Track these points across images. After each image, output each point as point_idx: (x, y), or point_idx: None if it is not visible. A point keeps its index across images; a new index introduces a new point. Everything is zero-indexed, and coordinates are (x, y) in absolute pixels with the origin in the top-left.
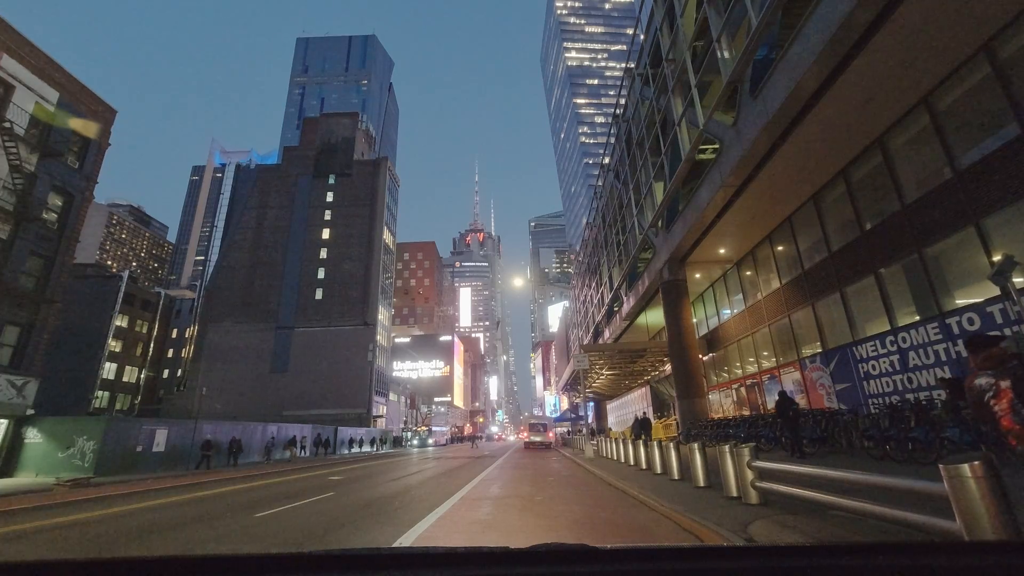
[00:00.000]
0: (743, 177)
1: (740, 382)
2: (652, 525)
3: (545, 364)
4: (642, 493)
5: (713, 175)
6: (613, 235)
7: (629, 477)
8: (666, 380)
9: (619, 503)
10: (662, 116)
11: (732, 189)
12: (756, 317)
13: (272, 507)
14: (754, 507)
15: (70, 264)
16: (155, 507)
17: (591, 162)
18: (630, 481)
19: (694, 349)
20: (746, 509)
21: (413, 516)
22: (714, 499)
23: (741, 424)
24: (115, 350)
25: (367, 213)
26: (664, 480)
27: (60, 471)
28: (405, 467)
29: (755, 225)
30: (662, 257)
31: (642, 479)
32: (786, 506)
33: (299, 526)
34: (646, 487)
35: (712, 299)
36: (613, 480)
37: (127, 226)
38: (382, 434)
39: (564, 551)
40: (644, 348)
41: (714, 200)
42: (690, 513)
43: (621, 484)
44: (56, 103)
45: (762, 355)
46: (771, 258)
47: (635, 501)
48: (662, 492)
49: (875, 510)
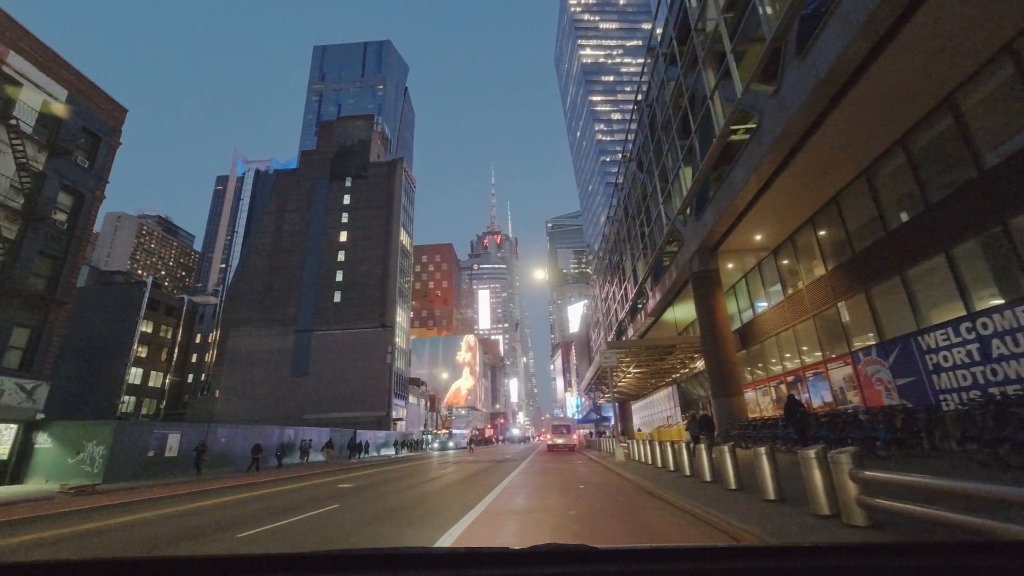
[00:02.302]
0: (785, 151)
1: (779, 379)
2: None
3: (565, 365)
4: (697, 507)
5: (750, 152)
6: (636, 227)
7: (672, 485)
8: (694, 379)
9: (672, 520)
10: (690, 94)
11: (773, 165)
12: (797, 308)
13: (263, 523)
14: (862, 530)
15: (80, 265)
16: (147, 520)
17: (608, 159)
18: (675, 491)
19: (729, 343)
20: (853, 533)
21: (425, 536)
22: (797, 517)
23: (788, 424)
24: (141, 355)
25: (383, 214)
26: (718, 490)
27: (70, 477)
28: (423, 472)
29: (796, 207)
30: (691, 247)
31: (688, 488)
32: (902, 527)
33: (287, 549)
34: (699, 498)
35: (745, 291)
36: (657, 490)
37: (156, 236)
38: (402, 437)
39: (564, 551)
40: (673, 344)
41: (751, 180)
42: (779, 537)
43: (667, 494)
44: (64, 101)
45: (804, 349)
46: (814, 243)
47: (691, 518)
48: (721, 505)
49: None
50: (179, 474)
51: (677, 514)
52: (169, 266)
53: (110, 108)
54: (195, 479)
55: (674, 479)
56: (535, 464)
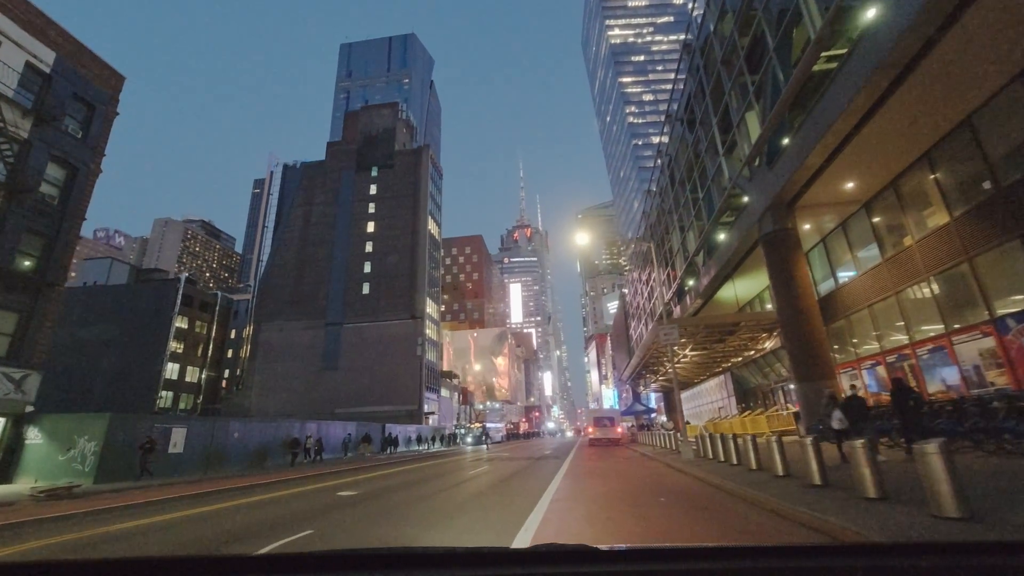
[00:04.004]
0: (909, 55)
1: (876, 359)
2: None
3: (599, 357)
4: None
5: (851, 68)
6: (686, 194)
7: (792, 496)
8: (753, 364)
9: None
10: (755, 21)
11: (893, 72)
12: (903, 271)
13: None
14: None
15: (75, 244)
16: (112, 535)
17: (640, 142)
18: (808, 506)
19: (816, 315)
20: None
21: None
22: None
23: (901, 413)
24: (177, 351)
25: (410, 203)
26: (869, 505)
27: (60, 476)
28: (450, 473)
29: (908, 139)
30: (761, 204)
31: (814, 500)
32: None
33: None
34: (853, 520)
35: (822, 258)
36: (796, 511)
37: (200, 240)
38: (433, 431)
39: (564, 551)
40: (738, 322)
41: (855, 102)
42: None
43: (798, 513)
44: (52, 64)
45: (914, 321)
46: (929, 185)
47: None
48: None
49: None
50: (187, 473)
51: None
52: (213, 268)
53: (105, 75)
54: (199, 479)
55: (781, 486)
56: (581, 463)
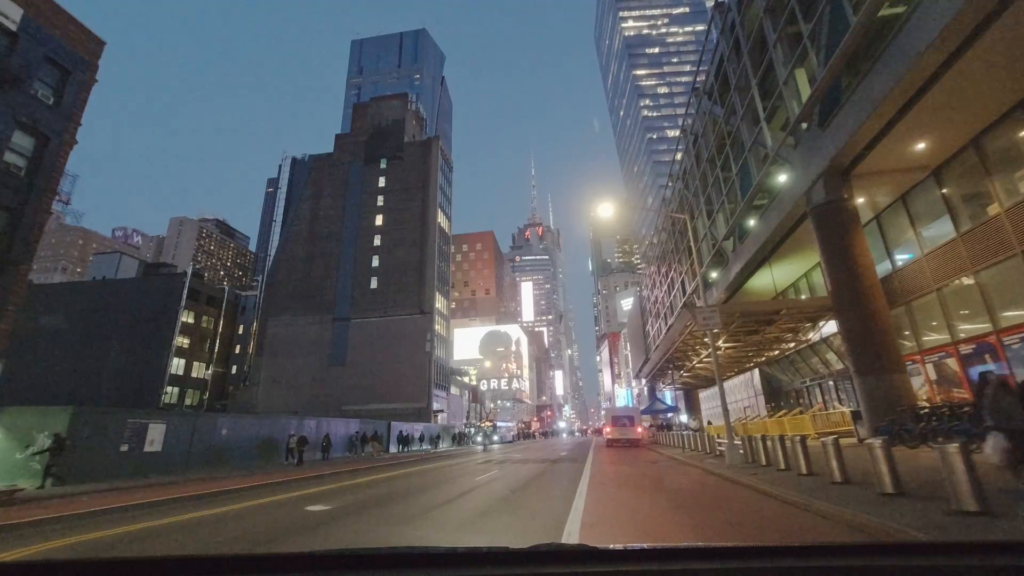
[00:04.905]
0: None
1: (946, 351)
2: None
3: (612, 355)
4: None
5: None
6: (714, 173)
7: (905, 518)
8: (786, 359)
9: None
10: None
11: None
12: (986, 246)
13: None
14: None
15: (45, 220)
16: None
17: (655, 136)
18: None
19: (880, 296)
20: None
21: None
22: None
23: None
24: (183, 346)
25: (420, 196)
26: None
27: (17, 477)
28: (454, 478)
29: (997, 88)
30: (812, 171)
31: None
32: None
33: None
34: None
35: (875, 239)
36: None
37: (215, 238)
38: (441, 430)
39: (564, 551)
40: (779, 308)
41: (943, 36)
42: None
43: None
44: (19, 22)
45: (999, 305)
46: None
47: None
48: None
49: None
50: (166, 472)
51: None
52: (227, 266)
53: (82, 38)
54: (175, 482)
55: (878, 503)
56: (603, 468)
